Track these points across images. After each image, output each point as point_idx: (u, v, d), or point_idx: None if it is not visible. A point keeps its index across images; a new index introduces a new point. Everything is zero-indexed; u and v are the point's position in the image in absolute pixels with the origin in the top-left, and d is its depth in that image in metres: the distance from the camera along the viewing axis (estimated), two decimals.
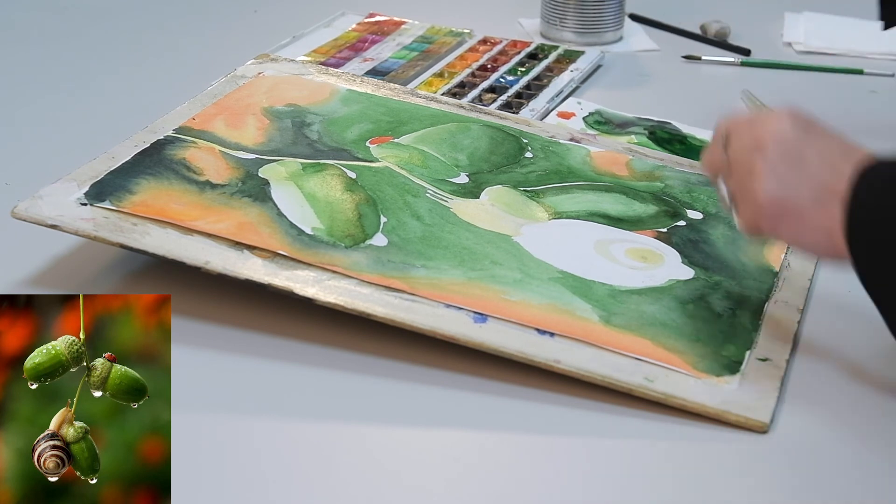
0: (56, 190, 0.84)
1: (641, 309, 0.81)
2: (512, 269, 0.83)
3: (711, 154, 0.78)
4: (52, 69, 1.26)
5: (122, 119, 1.07)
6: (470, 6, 1.49)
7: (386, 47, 1.31)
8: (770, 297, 0.84)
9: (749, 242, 0.88)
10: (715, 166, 0.78)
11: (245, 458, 0.70)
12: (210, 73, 1.11)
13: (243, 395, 0.75)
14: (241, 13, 1.45)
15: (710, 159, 0.79)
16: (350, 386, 0.76)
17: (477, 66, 1.25)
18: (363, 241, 0.84)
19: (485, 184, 0.95)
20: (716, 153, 0.77)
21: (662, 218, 0.93)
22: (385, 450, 0.71)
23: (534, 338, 0.77)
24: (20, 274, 0.86)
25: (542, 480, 0.69)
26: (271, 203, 0.87)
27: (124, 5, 1.46)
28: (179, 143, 0.93)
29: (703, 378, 0.75)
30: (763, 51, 1.33)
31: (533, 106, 1.16)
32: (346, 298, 0.78)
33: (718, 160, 0.77)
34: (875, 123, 1.17)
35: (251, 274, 0.79)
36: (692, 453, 0.71)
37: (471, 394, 0.75)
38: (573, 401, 0.75)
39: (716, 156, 0.77)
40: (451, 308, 0.78)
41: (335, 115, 1.02)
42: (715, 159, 0.78)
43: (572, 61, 1.27)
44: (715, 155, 0.78)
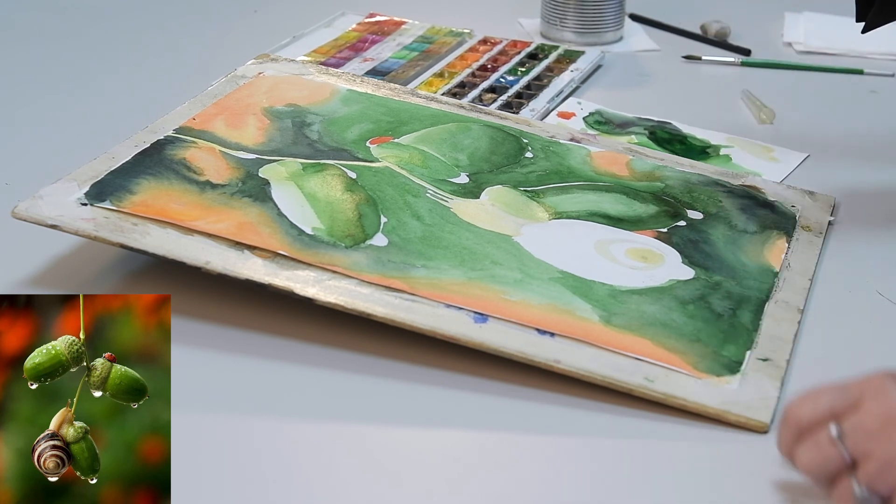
0: (56, 190, 0.84)
1: (642, 309, 0.81)
2: (512, 269, 0.83)
3: (821, 459, 0.62)
4: (52, 69, 1.26)
5: (122, 119, 1.07)
6: (470, 6, 1.48)
7: (386, 47, 1.31)
8: (770, 297, 0.84)
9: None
10: (829, 468, 0.62)
11: (245, 458, 0.70)
12: (210, 73, 1.11)
13: (243, 395, 0.75)
14: (241, 13, 1.45)
15: (820, 466, 0.62)
16: (350, 386, 0.76)
17: (477, 66, 1.25)
18: (363, 241, 0.84)
19: (485, 184, 0.95)
20: (828, 456, 0.62)
21: (662, 218, 0.93)
22: (385, 450, 0.71)
23: (534, 338, 0.77)
24: (20, 274, 0.86)
25: (542, 480, 0.69)
26: (271, 203, 0.87)
27: (124, 5, 1.46)
28: (180, 143, 0.93)
29: (703, 378, 0.75)
30: (763, 51, 1.33)
31: (533, 106, 1.16)
32: (346, 298, 0.78)
33: (833, 459, 0.62)
34: (875, 123, 1.17)
35: (251, 274, 0.79)
36: (692, 453, 0.71)
37: (471, 394, 0.75)
38: (573, 401, 0.75)
39: (832, 459, 0.62)
40: (452, 308, 0.78)
41: (335, 115, 1.02)
42: (830, 464, 0.62)
43: (572, 61, 1.27)
44: (831, 459, 0.62)
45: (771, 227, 0.93)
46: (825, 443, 0.62)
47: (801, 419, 0.63)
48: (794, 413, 0.64)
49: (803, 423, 0.63)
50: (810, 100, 1.23)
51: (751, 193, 0.98)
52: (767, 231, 0.92)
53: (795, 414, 0.64)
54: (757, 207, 0.95)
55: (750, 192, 0.98)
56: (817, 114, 1.19)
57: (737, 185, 0.99)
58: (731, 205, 0.95)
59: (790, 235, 0.92)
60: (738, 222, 0.93)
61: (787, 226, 0.93)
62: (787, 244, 0.91)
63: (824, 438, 0.62)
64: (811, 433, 0.63)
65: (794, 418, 0.64)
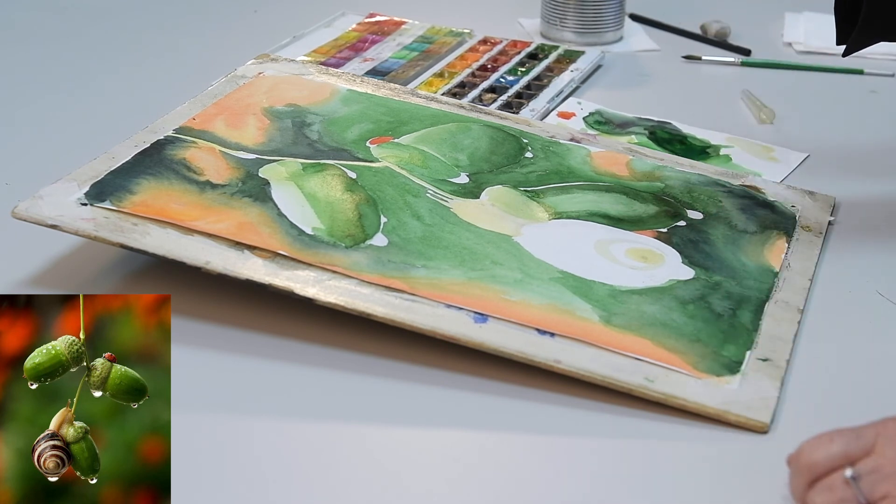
0: (56, 190, 0.84)
1: (642, 309, 0.81)
2: (512, 269, 0.83)
3: (832, 498, 0.62)
4: (52, 69, 1.26)
5: (122, 119, 1.08)
6: (470, 6, 1.48)
7: (386, 47, 1.31)
8: (770, 297, 0.84)
9: None
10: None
11: (245, 458, 0.70)
12: (210, 73, 1.11)
13: (243, 395, 0.75)
14: (241, 13, 1.45)
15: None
16: (350, 386, 0.76)
17: (477, 66, 1.25)
18: (363, 241, 0.84)
19: (485, 184, 0.95)
20: (844, 499, 0.61)
21: (662, 218, 0.93)
22: (385, 450, 0.71)
23: (534, 338, 0.77)
24: (20, 274, 0.86)
25: (542, 480, 0.69)
26: (271, 203, 0.87)
27: (124, 5, 1.46)
28: (180, 143, 0.93)
29: (703, 378, 0.75)
30: (763, 51, 1.33)
31: (533, 106, 1.16)
32: (346, 298, 0.78)
33: (848, 502, 0.61)
34: (875, 123, 1.17)
35: (251, 274, 0.79)
36: (692, 453, 0.71)
37: (471, 394, 0.75)
38: (573, 401, 0.75)
39: (843, 498, 0.61)
40: (452, 308, 0.78)
41: (335, 115, 1.02)
42: (842, 503, 0.61)
43: (572, 61, 1.27)
44: (841, 497, 0.61)
45: (771, 227, 0.93)
46: (839, 486, 0.61)
47: (814, 462, 0.63)
48: (807, 456, 0.63)
49: (818, 467, 0.62)
50: (810, 100, 1.23)
51: (751, 193, 0.98)
52: (767, 231, 0.92)
53: (808, 457, 0.63)
54: (757, 207, 0.96)
55: (750, 192, 0.98)
56: (817, 114, 1.19)
57: (737, 185, 0.99)
58: (731, 205, 0.95)
59: (790, 235, 0.92)
60: (738, 222, 0.93)
61: (787, 226, 0.93)
62: (787, 244, 0.91)
63: (839, 481, 0.61)
64: (825, 477, 0.62)
65: (808, 461, 0.63)
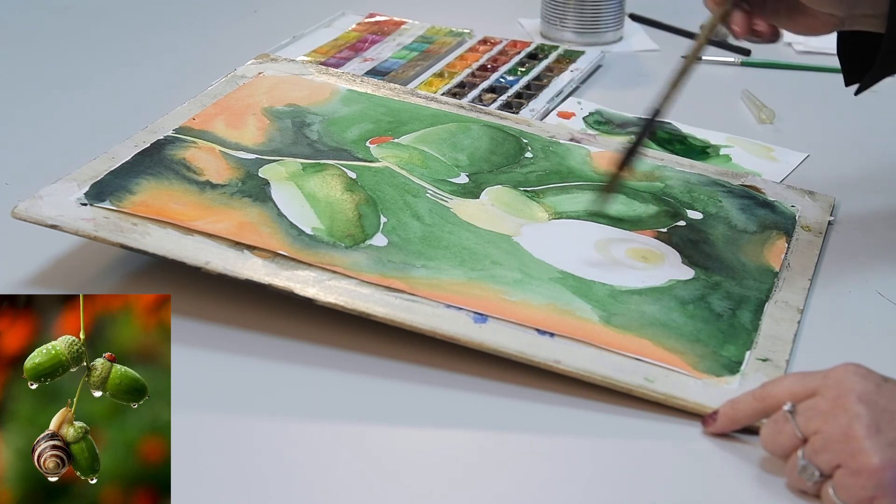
0: (56, 190, 0.84)
1: (641, 309, 0.81)
2: (512, 270, 0.83)
3: (776, 433, 0.67)
4: (52, 69, 1.26)
5: (122, 119, 1.07)
6: (470, 6, 1.49)
7: (386, 47, 1.31)
8: (770, 297, 0.84)
9: None
10: (785, 446, 0.67)
11: (245, 458, 0.70)
12: (210, 73, 1.11)
13: (243, 395, 0.75)
14: (241, 13, 1.45)
15: (775, 440, 0.68)
16: (350, 386, 0.76)
17: (477, 66, 1.25)
18: (363, 241, 0.84)
19: (485, 184, 0.95)
20: (782, 431, 0.67)
21: (662, 218, 0.93)
22: (385, 450, 0.71)
23: (534, 338, 0.77)
24: (20, 274, 0.86)
25: (542, 480, 0.69)
26: (271, 203, 0.87)
27: (124, 5, 1.46)
28: (179, 143, 0.93)
29: (703, 378, 0.75)
30: (763, 51, 1.33)
31: (533, 106, 1.16)
32: (346, 298, 0.78)
33: (786, 434, 0.67)
34: (875, 123, 1.17)
35: (251, 274, 0.79)
36: (692, 453, 0.71)
37: (471, 394, 0.75)
38: (573, 401, 0.75)
39: (785, 434, 0.67)
40: (451, 308, 0.78)
41: (335, 115, 1.02)
42: (783, 438, 0.67)
43: (572, 61, 1.27)
44: (784, 433, 0.67)
45: (771, 226, 0.93)
46: (780, 418, 0.67)
47: (767, 394, 0.70)
48: (762, 389, 0.70)
49: (769, 398, 0.69)
50: (810, 100, 1.23)
51: (750, 193, 0.98)
52: (767, 231, 0.92)
53: (762, 389, 0.70)
54: (757, 207, 0.96)
55: (750, 191, 0.98)
56: (817, 114, 1.19)
57: (736, 185, 0.99)
58: (731, 205, 0.95)
59: (790, 235, 0.92)
60: (737, 222, 0.93)
61: (787, 226, 0.93)
62: (787, 244, 0.91)
63: (780, 414, 0.67)
64: (778, 422, 0.68)
65: (761, 393, 0.70)
